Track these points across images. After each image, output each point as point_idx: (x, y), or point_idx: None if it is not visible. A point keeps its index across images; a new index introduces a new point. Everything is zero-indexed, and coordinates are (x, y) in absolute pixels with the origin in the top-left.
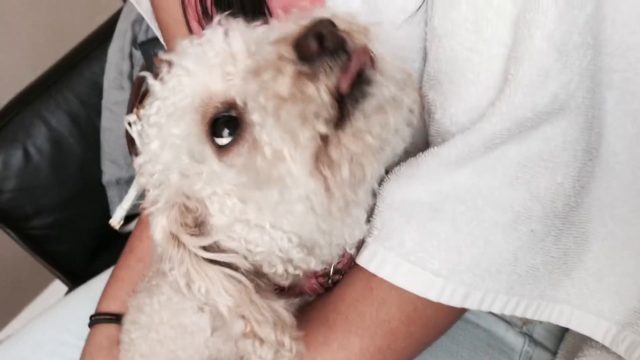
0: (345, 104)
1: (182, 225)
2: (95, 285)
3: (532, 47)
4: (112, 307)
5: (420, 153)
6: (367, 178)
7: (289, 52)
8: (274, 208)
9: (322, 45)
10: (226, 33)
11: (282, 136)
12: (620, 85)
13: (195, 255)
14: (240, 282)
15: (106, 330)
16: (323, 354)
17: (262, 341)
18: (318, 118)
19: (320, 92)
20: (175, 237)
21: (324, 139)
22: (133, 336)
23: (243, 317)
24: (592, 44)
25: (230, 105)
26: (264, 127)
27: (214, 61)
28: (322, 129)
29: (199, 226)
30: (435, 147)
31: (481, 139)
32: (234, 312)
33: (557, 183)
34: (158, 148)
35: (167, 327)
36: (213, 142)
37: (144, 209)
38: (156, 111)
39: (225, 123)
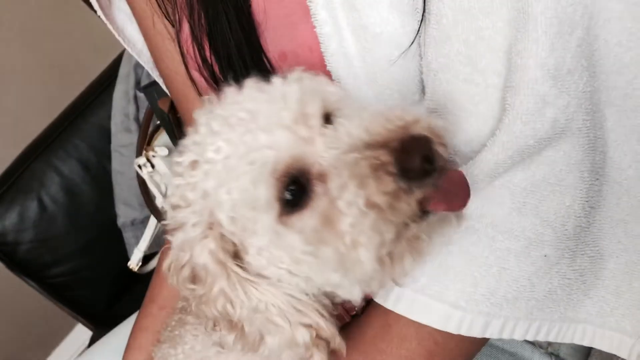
0: None
1: (224, 251)
2: (118, 335)
3: (526, 76)
4: (137, 357)
5: None
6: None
7: (391, 164)
8: (320, 270)
9: (423, 165)
10: (287, 84)
11: (369, 235)
12: (620, 102)
13: (246, 278)
14: (297, 298)
15: None
16: None
17: (326, 343)
18: (404, 226)
19: (411, 205)
20: (222, 263)
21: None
22: None
23: (308, 325)
24: (587, 65)
25: (306, 173)
26: (347, 216)
27: (288, 121)
28: (403, 232)
29: (234, 258)
30: None
31: (485, 170)
32: (296, 323)
33: (566, 206)
34: (212, 187)
35: None
36: (281, 204)
37: (166, 249)
38: (216, 151)
39: (290, 184)
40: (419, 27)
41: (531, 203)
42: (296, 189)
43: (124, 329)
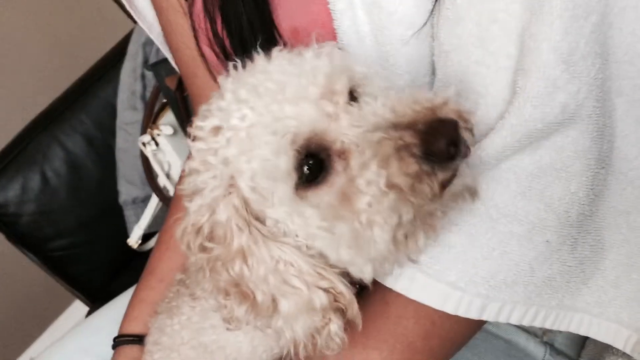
0: None
1: (246, 211)
2: (116, 306)
3: (539, 59)
4: (134, 328)
5: None
6: (431, 241)
7: (415, 146)
8: (334, 247)
9: (449, 149)
10: (318, 57)
11: (386, 215)
12: (630, 92)
13: (268, 236)
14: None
15: (129, 351)
16: None
17: (343, 312)
18: (423, 205)
19: (433, 188)
20: (244, 219)
21: None
22: (155, 357)
23: (326, 290)
24: (600, 52)
25: (326, 148)
26: (366, 195)
27: (315, 95)
28: (422, 211)
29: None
30: None
31: (492, 152)
32: (314, 286)
33: (570, 192)
34: (234, 155)
35: (188, 347)
36: (300, 177)
37: (177, 219)
38: (240, 119)
39: (309, 158)
40: (433, 7)
41: (536, 188)
42: (315, 164)
43: (122, 300)
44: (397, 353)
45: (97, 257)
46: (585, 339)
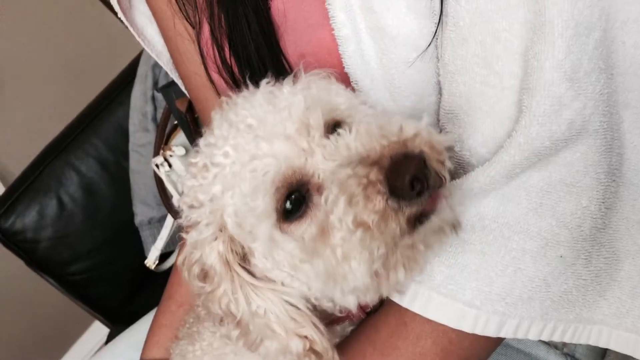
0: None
1: (232, 252)
2: (136, 332)
3: (542, 78)
4: (156, 354)
5: None
6: (414, 273)
7: (381, 183)
8: (315, 279)
9: (413, 186)
10: (294, 93)
11: (358, 251)
12: (637, 104)
13: (251, 283)
14: (296, 307)
15: None
16: None
17: (319, 356)
18: (394, 243)
19: (400, 224)
20: (228, 265)
21: None
22: None
23: (303, 337)
24: (604, 67)
25: (306, 183)
26: (339, 230)
27: (291, 131)
28: (393, 247)
29: (243, 259)
30: (457, 181)
31: (501, 171)
32: (292, 333)
33: (582, 207)
34: (219, 191)
35: None
36: (280, 213)
37: (182, 244)
38: (224, 155)
39: (290, 194)
40: (436, 29)
41: (547, 204)
42: (296, 199)
43: (142, 326)
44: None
45: (116, 278)
46: (605, 349)
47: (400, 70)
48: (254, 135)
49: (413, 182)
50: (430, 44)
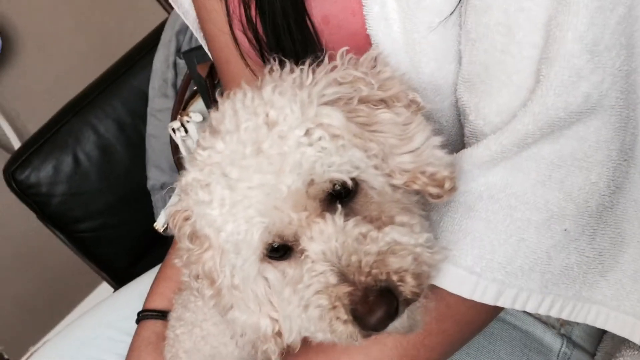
0: None
1: None
2: (141, 284)
3: (563, 49)
4: (158, 304)
5: (455, 154)
6: None
7: (346, 310)
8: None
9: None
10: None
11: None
12: None
13: None
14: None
15: (153, 326)
16: (357, 348)
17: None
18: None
19: (354, 335)
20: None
21: None
22: (178, 332)
23: (274, 319)
24: (625, 44)
25: (294, 239)
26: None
27: (284, 197)
28: None
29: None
30: (469, 148)
31: (514, 139)
32: (265, 313)
33: (591, 182)
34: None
35: (210, 324)
36: (265, 258)
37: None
38: (220, 203)
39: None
40: None
41: (556, 177)
42: (283, 246)
43: (147, 278)
44: (411, 335)
45: (124, 239)
46: (602, 333)
47: (422, 35)
48: (251, 183)
49: (382, 320)
50: (454, 9)
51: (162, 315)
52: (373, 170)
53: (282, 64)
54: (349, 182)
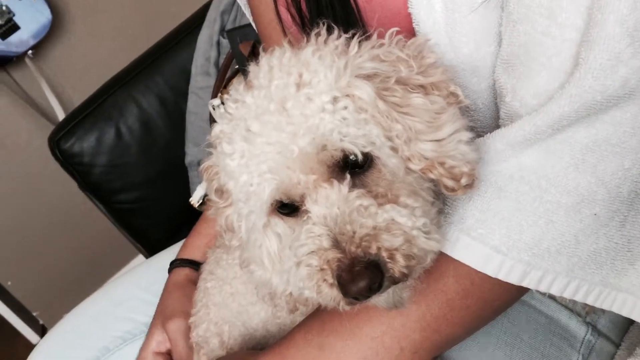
0: None
1: None
2: (174, 252)
3: (604, 32)
4: (192, 255)
5: (489, 134)
6: None
7: (333, 275)
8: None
9: (364, 292)
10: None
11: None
12: None
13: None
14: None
15: (183, 271)
16: (381, 318)
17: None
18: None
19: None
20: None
21: None
22: (208, 285)
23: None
24: None
25: (303, 197)
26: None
27: (295, 157)
28: None
29: None
30: (503, 129)
31: (549, 121)
32: (277, 271)
33: (624, 168)
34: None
35: (239, 283)
36: (275, 211)
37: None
38: (241, 154)
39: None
40: None
41: (590, 161)
42: (290, 204)
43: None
44: (434, 308)
45: (160, 213)
46: (629, 324)
47: (463, 14)
48: (268, 142)
49: (365, 290)
50: None
51: (193, 264)
52: (388, 150)
53: (330, 30)
54: (360, 155)
